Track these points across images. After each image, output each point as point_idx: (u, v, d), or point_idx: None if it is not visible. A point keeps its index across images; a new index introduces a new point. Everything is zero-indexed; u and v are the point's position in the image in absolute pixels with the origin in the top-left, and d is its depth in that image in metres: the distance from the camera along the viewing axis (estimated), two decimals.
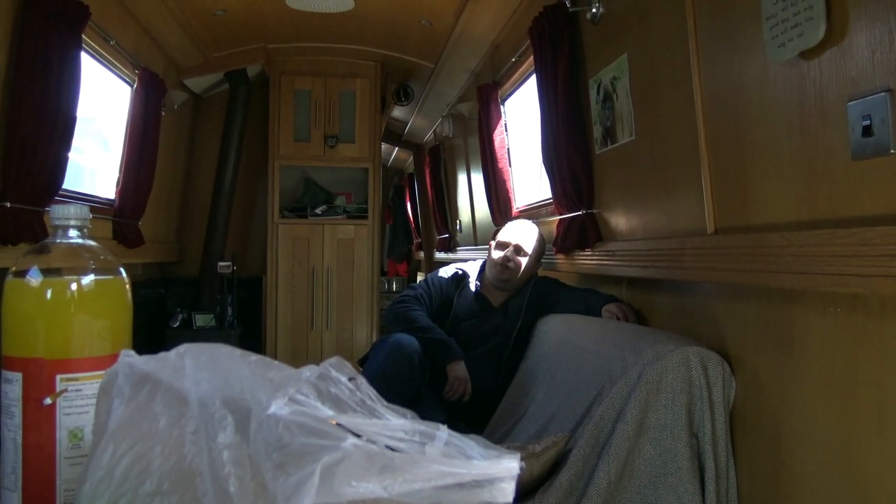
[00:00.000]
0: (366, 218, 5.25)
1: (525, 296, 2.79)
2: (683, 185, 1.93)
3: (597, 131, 2.50)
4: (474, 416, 2.60)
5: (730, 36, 1.66)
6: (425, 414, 0.66)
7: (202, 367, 0.56)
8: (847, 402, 1.33)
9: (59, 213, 0.78)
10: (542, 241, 2.87)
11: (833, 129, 1.29)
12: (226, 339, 4.62)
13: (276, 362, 0.59)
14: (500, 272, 2.78)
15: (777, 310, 1.55)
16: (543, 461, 1.78)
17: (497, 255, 2.80)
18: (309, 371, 0.57)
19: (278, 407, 0.52)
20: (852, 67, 1.24)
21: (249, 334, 5.02)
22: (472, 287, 2.86)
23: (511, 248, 2.78)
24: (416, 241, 8.15)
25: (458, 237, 5.62)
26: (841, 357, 1.35)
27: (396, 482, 0.51)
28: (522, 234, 2.83)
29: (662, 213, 2.11)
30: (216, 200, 4.97)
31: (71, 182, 3.06)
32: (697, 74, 1.80)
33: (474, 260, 3.06)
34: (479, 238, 4.91)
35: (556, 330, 2.56)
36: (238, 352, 0.60)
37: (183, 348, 0.59)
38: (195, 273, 5.02)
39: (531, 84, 3.43)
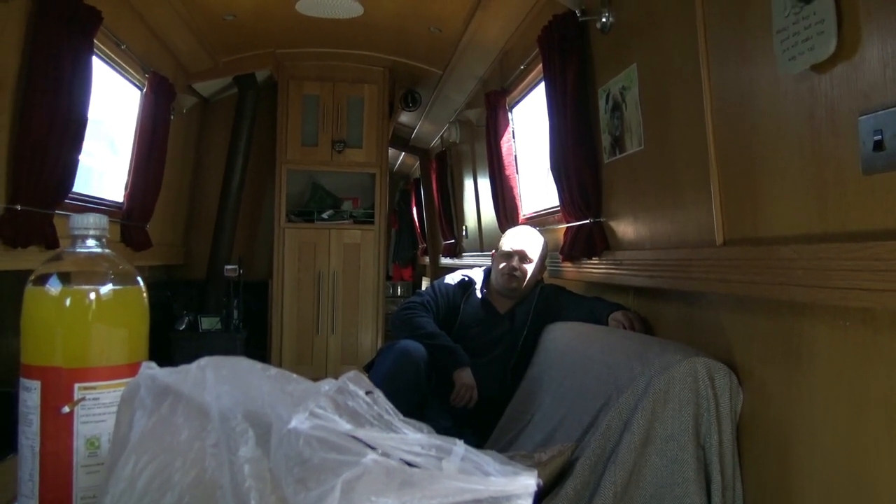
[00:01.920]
0: (372, 223, 5.26)
1: (531, 303, 2.79)
2: (692, 196, 1.93)
3: (605, 140, 2.51)
4: (480, 423, 2.60)
5: (740, 48, 1.66)
6: (431, 420, 0.66)
7: (223, 381, 0.57)
8: (856, 416, 1.33)
9: (78, 222, 0.78)
10: (545, 246, 2.87)
11: (844, 142, 1.30)
12: (231, 343, 4.63)
13: (295, 376, 0.60)
14: (508, 282, 2.78)
15: (786, 322, 1.55)
16: (549, 470, 1.78)
17: (502, 263, 2.80)
18: (328, 385, 0.58)
19: (299, 421, 0.52)
20: (864, 82, 1.24)
21: (255, 338, 5.02)
22: (478, 294, 2.86)
23: (516, 257, 2.78)
24: (422, 246, 8.16)
25: (464, 243, 5.62)
26: (850, 370, 1.35)
27: (415, 498, 0.51)
28: (525, 241, 2.83)
29: (671, 223, 2.11)
30: (223, 204, 4.99)
31: (79, 185, 3.07)
32: (707, 85, 1.80)
33: (480, 266, 3.06)
34: (485, 244, 4.91)
35: (562, 338, 2.56)
36: (258, 365, 0.60)
37: (204, 361, 0.59)
38: (202, 276, 5.03)
39: (539, 92, 3.44)
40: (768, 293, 1.53)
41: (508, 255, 2.80)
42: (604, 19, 2.40)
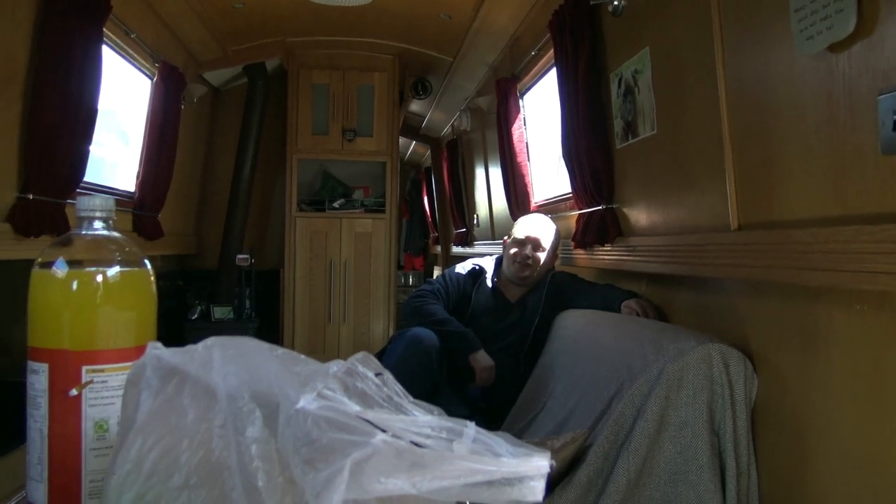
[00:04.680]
0: (383, 212, 5.25)
1: (542, 291, 2.78)
2: (706, 181, 1.91)
3: (617, 125, 2.48)
4: (492, 410, 2.60)
5: (755, 28, 1.63)
6: (443, 408, 0.65)
7: (230, 361, 0.56)
8: (873, 401, 1.31)
9: (84, 204, 0.77)
10: (557, 234, 2.86)
11: (863, 123, 1.27)
12: (243, 332, 4.54)
13: (303, 357, 0.59)
14: (520, 270, 2.76)
15: (801, 307, 1.53)
16: (562, 457, 1.77)
17: (514, 251, 2.78)
18: (336, 366, 0.57)
19: (307, 402, 0.51)
20: (883, 60, 1.21)
21: (267, 327, 5.04)
22: (489, 283, 2.85)
23: (529, 245, 2.76)
24: (433, 235, 8.15)
25: (476, 231, 5.61)
26: (867, 355, 1.33)
27: (425, 479, 0.50)
28: (538, 229, 2.81)
29: (684, 208, 2.09)
30: (234, 193, 4.99)
31: (92, 176, 3.08)
32: (722, 67, 1.77)
33: (490, 255, 3.05)
34: (496, 232, 4.90)
35: (574, 325, 2.55)
36: (265, 345, 0.59)
37: (210, 341, 0.58)
38: (214, 266, 5.05)
39: (550, 78, 3.41)
40: (784, 278, 1.51)
41: (522, 243, 2.78)
42: (616, 3, 2.36)
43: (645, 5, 2.25)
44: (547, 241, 2.79)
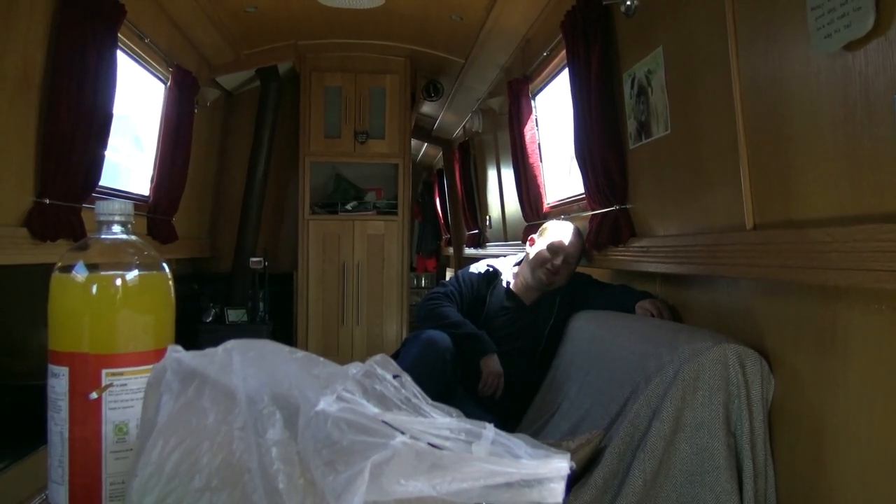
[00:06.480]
0: (395, 214, 5.25)
1: (557, 292, 2.76)
2: (721, 180, 1.90)
3: (631, 126, 2.47)
4: (507, 412, 2.59)
5: (770, 27, 1.62)
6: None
7: (250, 364, 0.56)
8: (891, 402, 1.30)
9: (103, 208, 0.78)
10: (583, 245, 2.82)
11: (880, 121, 1.26)
12: (257, 335, 4.64)
13: (322, 359, 0.59)
14: (548, 276, 2.71)
15: (818, 307, 1.52)
16: (577, 458, 1.76)
17: (546, 256, 2.73)
18: (355, 368, 0.57)
19: (327, 404, 0.52)
20: None
21: (281, 330, 5.06)
22: (504, 284, 2.84)
23: (562, 256, 2.72)
24: (445, 236, 8.16)
25: (488, 233, 5.60)
26: (886, 355, 1.31)
27: (445, 481, 0.50)
28: (574, 242, 2.75)
29: (699, 208, 2.07)
30: (248, 197, 5.02)
31: (107, 181, 3.10)
32: (736, 67, 1.76)
33: (504, 256, 3.03)
34: (508, 234, 4.89)
35: (589, 326, 2.54)
36: (285, 348, 0.59)
37: (230, 344, 0.59)
38: (227, 269, 5.07)
39: (563, 78, 3.40)
40: (801, 278, 1.50)
41: (555, 253, 2.72)
42: (628, 2, 2.34)
43: (658, 5, 2.23)
44: (577, 255, 2.76)
